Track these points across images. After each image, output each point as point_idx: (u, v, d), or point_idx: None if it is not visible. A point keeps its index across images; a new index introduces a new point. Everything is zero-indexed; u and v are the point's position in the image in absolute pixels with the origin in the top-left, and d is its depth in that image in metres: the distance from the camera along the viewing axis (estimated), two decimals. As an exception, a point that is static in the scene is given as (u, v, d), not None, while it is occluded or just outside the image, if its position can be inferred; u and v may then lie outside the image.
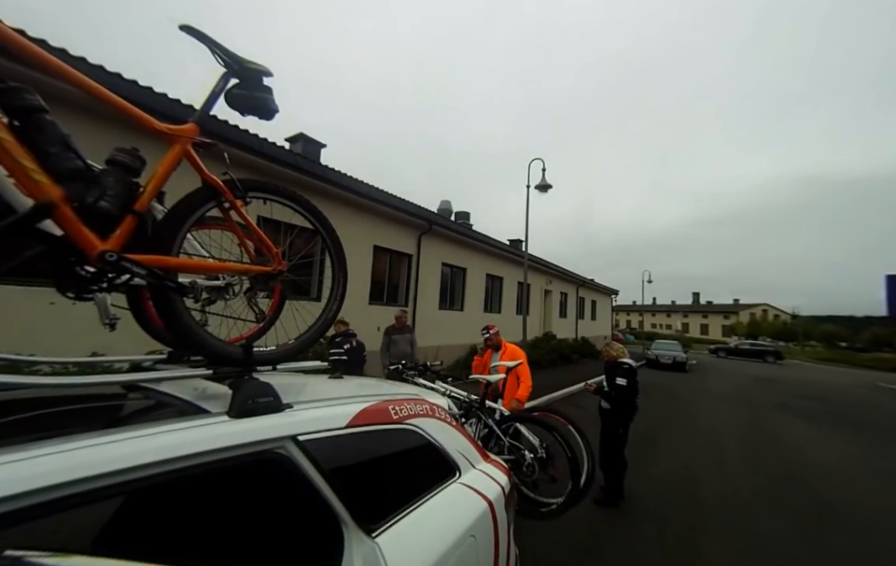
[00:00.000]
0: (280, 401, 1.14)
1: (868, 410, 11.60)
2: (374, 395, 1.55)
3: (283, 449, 1.07)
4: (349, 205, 8.62)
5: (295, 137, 11.77)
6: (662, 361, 19.48)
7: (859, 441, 7.88)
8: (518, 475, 3.09)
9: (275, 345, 1.47)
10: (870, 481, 5.58)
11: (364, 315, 8.82)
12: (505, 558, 1.75)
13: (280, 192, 1.50)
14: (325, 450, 1.16)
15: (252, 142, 6.65)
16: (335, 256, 1.72)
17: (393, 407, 1.53)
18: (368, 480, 1.30)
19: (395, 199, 9.46)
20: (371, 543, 1.17)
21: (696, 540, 3.62)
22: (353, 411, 1.32)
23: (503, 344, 4.34)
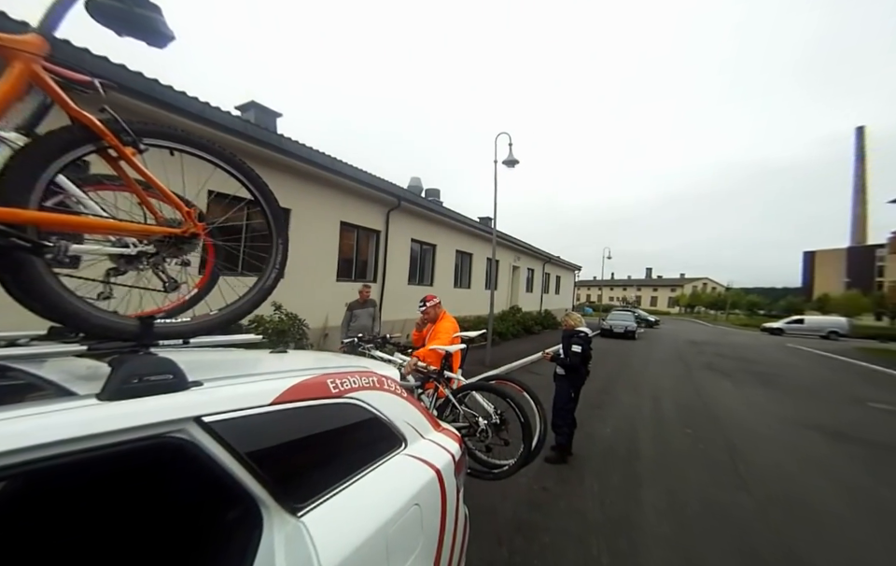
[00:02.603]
0: (184, 378, 0.98)
1: (775, 368, 12.68)
2: (313, 369, 1.41)
3: (183, 433, 0.92)
4: (313, 180, 8.08)
5: (246, 105, 10.34)
6: (615, 331, 20.39)
7: (766, 394, 8.62)
8: (473, 441, 3.08)
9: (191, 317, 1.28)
10: (772, 429, 6.10)
11: (332, 291, 8.53)
12: (453, 520, 1.71)
13: (189, 141, 1.22)
14: (242, 430, 1.03)
15: (189, 105, 5.61)
16: (271, 218, 1.50)
17: (333, 381, 1.40)
18: (297, 459, 1.19)
19: (362, 174, 8.97)
20: (296, 522, 1.07)
21: (632, 489, 3.82)
22: (280, 387, 1.18)
23: (442, 315, 3.98)
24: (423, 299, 4.03)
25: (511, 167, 9.43)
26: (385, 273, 10.39)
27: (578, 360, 4.43)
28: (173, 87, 5.45)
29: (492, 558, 2.68)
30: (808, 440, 5.66)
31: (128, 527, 1.07)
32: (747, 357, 15.41)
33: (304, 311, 7.02)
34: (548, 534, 2.98)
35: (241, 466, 1.00)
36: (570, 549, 2.81)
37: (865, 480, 4.36)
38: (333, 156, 8.21)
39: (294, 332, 6.51)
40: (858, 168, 59.27)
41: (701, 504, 3.58)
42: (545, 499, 3.53)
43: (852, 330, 31.15)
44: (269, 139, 6.86)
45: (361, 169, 8.97)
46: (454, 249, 14.45)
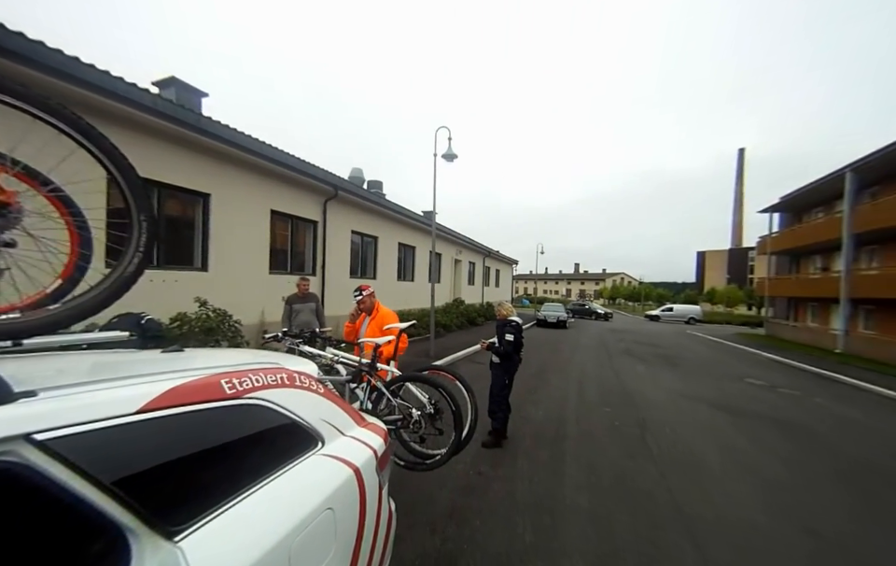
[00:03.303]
0: (6, 388, 0.76)
1: (678, 352, 14.41)
2: (203, 369, 1.22)
3: (10, 455, 0.71)
4: (239, 165, 7.32)
5: (165, 81, 8.89)
6: (549, 321, 21.66)
7: (670, 374, 9.75)
8: (408, 432, 3.01)
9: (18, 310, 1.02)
10: (674, 404, 6.90)
11: (266, 285, 7.87)
12: (374, 518, 1.62)
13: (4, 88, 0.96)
14: (97, 447, 0.84)
15: (83, 72, 4.71)
16: (128, 191, 1.23)
17: (228, 381, 1.22)
18: (176, 474, 1.00)
19: (294, 160, 8.30)
20: (172, 548, 0.90)
21: (557, 466, 4.04)
22: (152, 392, 0.98)
23: (377, 307, 3.89)
24: (358, 289, 3.85)
25: (450, 161, 9.44)
26: (324, 265, 9.85)
27: (511, 348, 4.56)
28: (63, 51, 4.54)
29: (424, 548, 2.64)
30: (700, 412, 6.47)
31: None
32: (656, 343, 17.30)
33: (235, 307, 6.40)
34: (479, 518, 3.02)
35: (97, 489, 0.81)
36: (498, 530, 2.87)
37: (741, 443, 5.08)
38: (261, 140, 7.52)
39: (225, 329, 5.86)
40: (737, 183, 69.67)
41: (614, 475, 3.89)
42: (480, 483, 3.58)
43: (704, 316, 40.80)
44: (185, 117, 6.01)
45: (293, 155, 8.32)
46: (396, 242, 14.19)
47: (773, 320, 24.32)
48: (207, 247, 6.82)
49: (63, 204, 1.26)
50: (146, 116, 5.51)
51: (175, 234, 6.59)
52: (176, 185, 6.35)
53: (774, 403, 7.39)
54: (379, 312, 3.85)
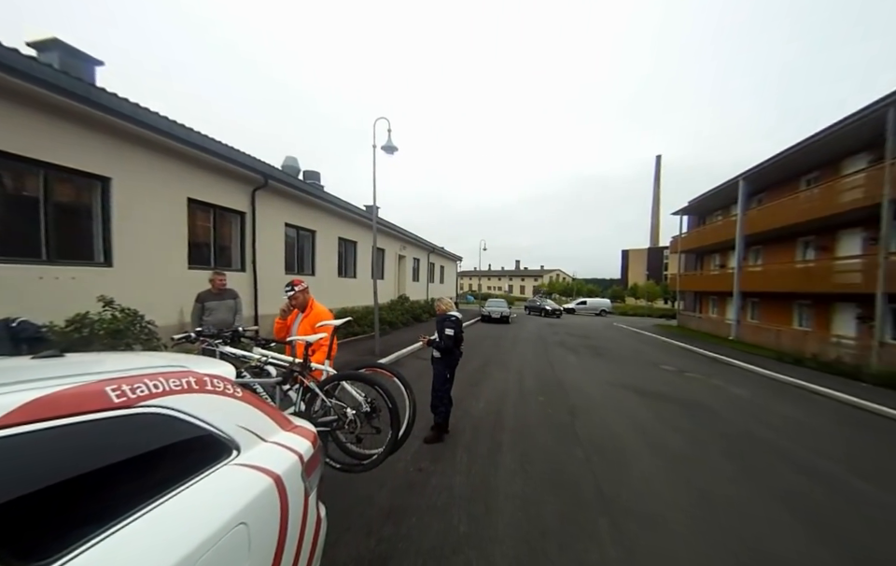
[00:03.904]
0: None
1: (604, 343, 15.83)
2: (81, 376, 1.06)
3: None
4: (146, 147, 6.47)
5: (45, 43, 7.37)
6: (493, 317, 22.41)
7: (597, 363, 10.67)
8: (343, 433, 2.92)
9: None
10: (600, 390, 7.57)
11: (185, 281, 7.07)
12: (297, 528, 1.54)
13: None
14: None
15: None
16: None
17: (116, 388, 1.08)
18: (41, 499, 0.86)
19: (214, 144, 7.53)
20: (36, 586, 0.77)
21: (495, 456, 4.21)
22: (7, 404, 0.83)
23: (311, 303, 3.72)
24: (290, 284, 3.64)
25: (390, 153, 9.31)
26: (255, 260, 9.14)
27: (451, 343, 4.63)
28: None
29: (358, 550, 2.58)
30: (621, 396, 7.16)
31: None
32: (586, 335, 18.80)
33: (149, 306, 5.69)
34: (416, 514, 3.03)
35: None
36: (435, 524, 2.91)
37: (653, 423, 5.73)
38: (173, 119, 6.73)
39: (136, 331, 5.16)
40: (655, 187, 78.31)
41: (545, 461, 4.16)
42: (419, 479, 3.60)
43: (613, 309, 46.49)
44: (71, 87, 5.10)
45: (212, 138, 7.56)
46: (336, 237, 13.65)
47: (683, 312, 27.69)
48: (110, 239, 5.95)
49: None
50: (20, 82, 4.62)
51: (68, 224, 5.64)
52: (66, 166, 5.43)
53: (681, 386, 8.43)
54: (313, 309, 3.68)
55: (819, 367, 11.29)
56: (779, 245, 17.69)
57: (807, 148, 14.52)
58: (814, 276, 14.11)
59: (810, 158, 15.28)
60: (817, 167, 15.77)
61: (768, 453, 4.81)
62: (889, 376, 9.39)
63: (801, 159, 15.47)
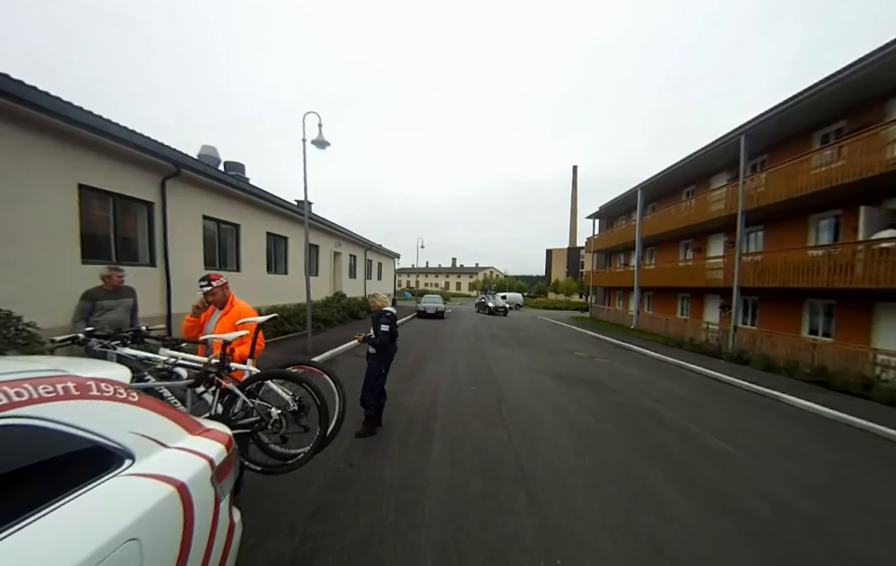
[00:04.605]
0: None
1: (529, 335, 16.97)
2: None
3: None
4: (25, 126, 5.37)
5: None
6: (428, 312, 22.58)
7: (523, 353, 11.42)
8: (266, 434, 2.74)
9: None
10: (524, 377, 8.13)
11: (77, 277, 5.96)
12: (204, 538, 1.43)
13: None
14: None
15: None
16: None
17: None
18: None
19: (110, 125, 6.49)
20: None
21: (425, 445, 4.30)
22: None
23: (231, 300, 3.37)
24: (205, 278, 3.25)
25: (321, 148, 8.92)
26: (166, 254, 8.05)
27: (387, 338, 4.60)
28: None
29: (280, 552, 2.46)
30: (541, 381, 7.76)
31: None
32: (516, 327, 19.93)
33: (29, 305, 4.78)
34: (345, 509, 2.98)
35: None
36: (363, 517, 2.90)
37: (566, 402, 6.31)
38: (57, 96, 5.66)
39: (9, 335, 4.24)
40: (573, 193, 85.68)
41: (473, 445, 4.36)
42: (350, 474, 3.53)
43: (525, 302, 50.89)
44: None
45: (106, 119, 6.51)
46: (264, 231, 12.62)
47: (595, 306, 30.71)
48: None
49: None
50: None
51: None
52: None
53: (590, 370, 9.39)
54: (234, 306, 3.36)
55: (693, 349, 13.40)
56: (668, 246, 20.55)
57: (685, 166, 17.10)
58: (692, 273, 16.64)
59: (688, 174, 18.04)
60: (694, 181, 18.64)
61: (649, 419, 5.60)
62: (738, 354, 11.58)
63: (682, 173, 18.16)
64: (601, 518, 3.04)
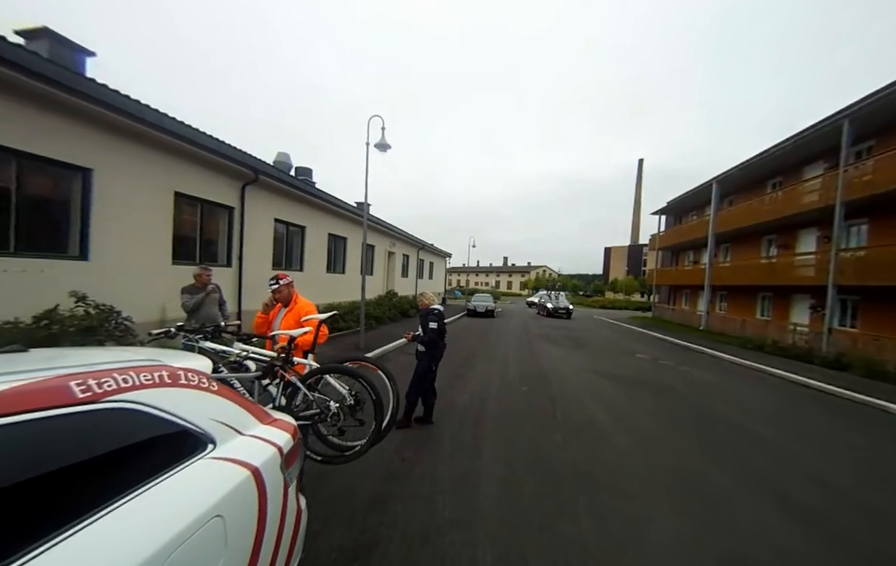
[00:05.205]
0: None
1: (586, 334, 16.08)
2: (43, 370, 1.00)
3: None
4: (133, 139, 6.21)
5: (35, 31, 7.06)
6: (478, 311, 22.47)
7: (578, 354, 10.84)
8: (325, 426, 2.87)
9: None
10: (579, 378, 7.68)
11: (169, 277, 6.83)
12: (276, 520, 1.50)
13: None
14: None
15: None
16: None
17: (82, 383, 1.02)
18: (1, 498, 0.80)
19: (204, 137, 7.29)
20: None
21: (479, 445, 4.22)
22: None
23: (295, 297, 3.61)
24: (274, 277, 3.54)
25: (383, 151, 9.17)
26: (241, 256, 8.91)
27: (435, 336, 4.62)
28: None
29: (342, 541, 2.55)
30: (600, 384, 7.28)
31: None
32: (569, 327, 19.07)
33: (128, 301, 5.47)
34: (401, 502, 3.02)
35: None
36: (419, 511, 2.90)
37: (630, 408, 5.85)
38: (162, 110, 6.47)
39: (110, 328, 4.93)
40: (637, 188, 79.77)
41: (527, 446, 4.20)
42: (403, 469, 3.58)
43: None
44: (57, 76, 4.84)
45: (202, 131, 7.32)
46: (326, 233, 13.43)
47: (658, 305, 28.34)
48: (88, 232, 5.67)
49: None
50: (14, 74, 4.40)
51: (41, 215, 5.34)
52: (45, 156, 5.14)
53: (654, 373, 8.64)
54: (297, 303, 3.59)
55: (776, 352, 11.77)
56: (746, 242, 18.26)
57: (773, 156, 15.03)
58: (776, 271, 14.62)
59: (774, 164, 15.85)
60: (781, 172, 16.32)
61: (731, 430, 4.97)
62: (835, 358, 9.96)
63: (767, 164, 16.00)
64: (673, 536, 2.75)
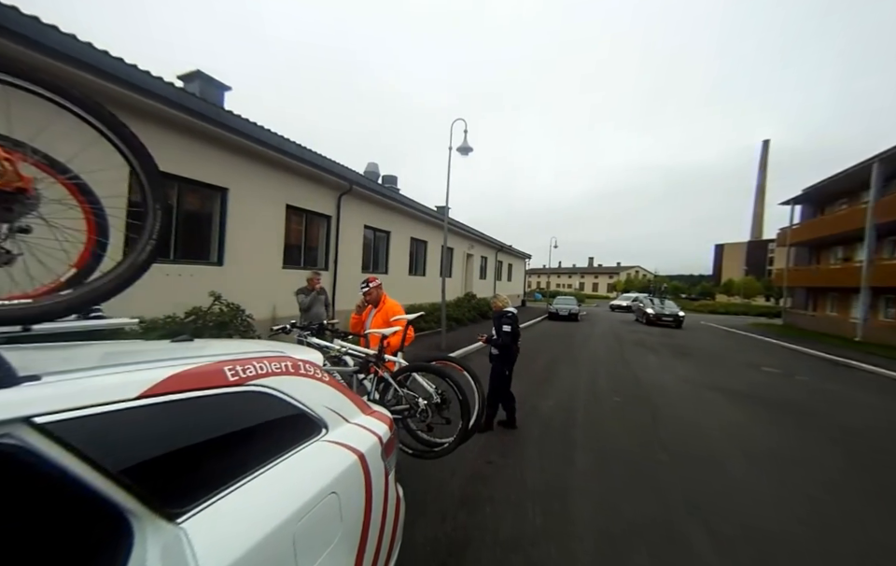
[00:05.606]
0: (10, 371, 0.77)
1: (691, 342, 14.03)
2: (207, 356, 1.22)
3: (8, 438, 0.72)
4: (257, 160, 7.38)
5: (190, 75, 9.18)
6: (560, 314, 21.38)
7: (685, 364, 9.49)
8: (415, 421, 3.00)
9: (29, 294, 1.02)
10: (688, 393, 6.68)
11: (279, 280, 7.94)
12: (381, 503, 1.61)
13: (15, 70, 0.95)
14: (97, 431, 0.84)
15: (110, 66, 4.78)
16: (146, 180, 1.23)
17: (232, 368, 1.22)
18: (177, 458, 1.00)
19: (310, 154, 8.34)
20: (175, 529, 0.91)
21: (568, 455, 3.98)
22: (153, 378, 0.98)
23: (383, 299, 3.90)
24: (365, 281, 3.87)
25: (464, 155, 9.29)
26: (336, 260, 9.92)
27: (509, 339, 4.53)
28: (92, 45, 4.57)
29: (435, 534, 2.63)
30: (711, 399, 6.27)
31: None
32: (668, 333, 16.89)
33: (248, 301, 6.46)
34: (490, 504, 3.00)
35: (97, 473, 0.81)
36: (510, 515, 2.85)
37: (757, 433, 4.90)
38: (280, 134, 7.57)
39: (237, 324, 5.94)
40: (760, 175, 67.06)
41: (624, 462, 3.81)
42: (490, 472, 3.56)
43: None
44: (209, 112, 6.05)
45: (311, 150, 8.36)
46: (409, 237, 14.19)
47: (792, 310, 23.46)
48: (223, 242, 6.91)
49: (80, 192, 1.26)
50: (169, 110, 5.51)
51: (191, 229, 6.66)
52: (196, 180, 6.40)
53: (789, 391, 7.12)
54: (385, 304, 3.86)
55: None
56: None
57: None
58: None
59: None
60: None
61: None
62: None
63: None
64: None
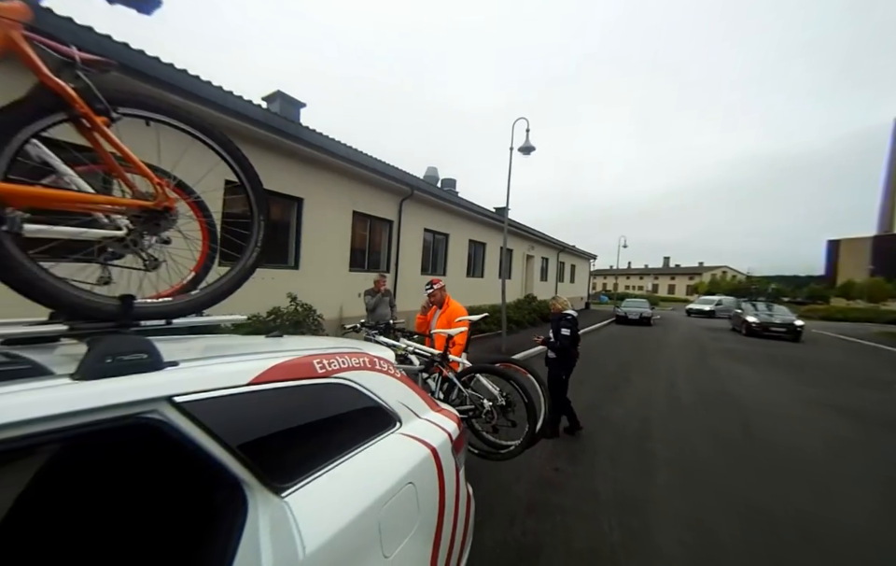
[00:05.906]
0: (158, 358, 0.94)
1: (799, 353, 12.03)
2: (299, 350, 1.36)
3: (156, 414, 0.88)
4: (327, 169, 8.01)
5: (272, 96, 10.38)
6: (630, 317, 19.87)
7: (787, 376, 8.21)
8: (480, 423, 3.01)
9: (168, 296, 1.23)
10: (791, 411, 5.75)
11: (345, 282, 8.51)
12: (453, 498, 1.66)
13: (166, 110, 1.17)
14: (219, 411, 0.98)
15: (211, 94, 5.37)
16: (252, 195, 1.43)
17: (319, 362, 1.34)
18: (280, 438, 1.13)
19: (375, 162, 8.82)
20: (280, 502, 1.02)
21: (646, 468, 3.69)
22: (259, 367, 1.12)
23: (447, 300, 3.98)
24: (429, 282, 3.99)
25: (526, 154, 9.10)
26: (397, 263, 10.35)
27: (568, 342, 4.34)
28: (188, 71, 5.26)
29: (504, 537, 2.62)
30: (829, 423, 5.32)
31: (106, 512, 1.05)
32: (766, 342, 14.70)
33: (318, 302, 7.00)
34: (559, 513, 2.90)
35: (220, 447, 0.95)
36: (582, 528, 2.73)
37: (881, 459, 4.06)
38: (348, 144, 8.14)
39: (310, 323, 6.51)
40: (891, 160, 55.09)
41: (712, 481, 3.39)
42: (557, 479, 3.45)
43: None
44: (294, 131, 6.78)
45: (375, 157, 8.85)
46: (467, 239, 14.28)
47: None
48: (299, 247, 7.61)
49: (199, 209, 1.55)
50: (255, 129, 6.19)
51: (274, 237, 7.45)
52: (278, 192, 7.14)
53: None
54: (449, 305, 3.93)
55: None
56: None
57: None
58: None
59: None
60: None
61: None
62: None
63: None
64: None
